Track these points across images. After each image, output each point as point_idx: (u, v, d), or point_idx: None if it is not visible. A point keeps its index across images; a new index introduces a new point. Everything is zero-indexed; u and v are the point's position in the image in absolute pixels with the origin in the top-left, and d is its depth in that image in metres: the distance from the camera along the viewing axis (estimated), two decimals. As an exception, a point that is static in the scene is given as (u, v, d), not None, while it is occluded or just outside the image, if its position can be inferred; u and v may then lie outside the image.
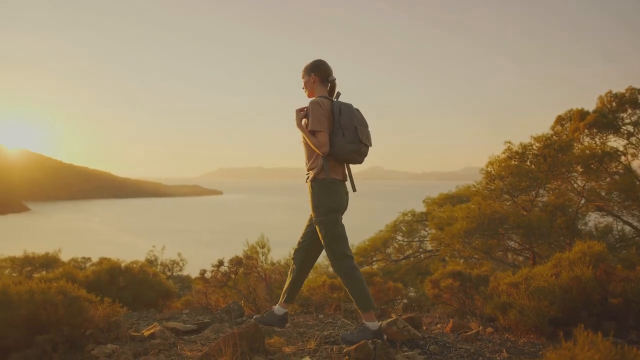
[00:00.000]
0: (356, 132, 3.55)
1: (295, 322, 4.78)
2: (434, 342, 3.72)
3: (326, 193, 3.60)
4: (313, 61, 3.86)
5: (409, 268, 18.86)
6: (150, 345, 3.52)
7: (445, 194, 20.22)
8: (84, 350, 3.42)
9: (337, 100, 3.77)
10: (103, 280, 6.19)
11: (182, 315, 5.41)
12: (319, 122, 3.55)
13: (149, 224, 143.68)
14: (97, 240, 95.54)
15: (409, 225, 20.76)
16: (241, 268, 6.11)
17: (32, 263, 16.82)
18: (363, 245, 20.52)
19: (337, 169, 3.69)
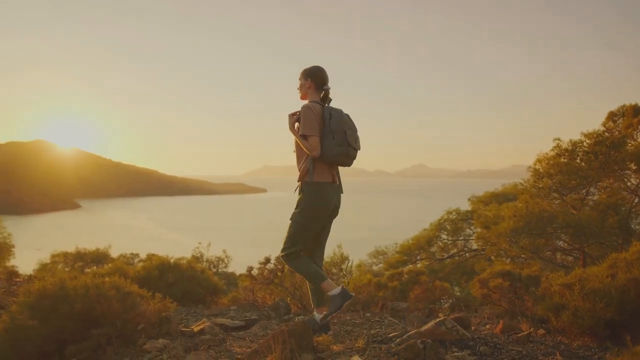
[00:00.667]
0: (345, 136, 3.69)
1: (342, 320, 4.77)
2: (484, 343, 3.65)
3: (313, 195, 3.76)
4: (312, 67, 4.01)
5: (453, 267, 18.61)
6: (200, 340, 3.57)
7: (491, 192, 19.84)
8: (136, 345, 3.50)
9: (328, 105, 3.91)
10: (153, 276, 6.32)
11: (229, 311, 5.47)
12: (311, 126, 3.69)
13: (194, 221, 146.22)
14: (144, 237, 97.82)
15: (453, 223, 20.49)
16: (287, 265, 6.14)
17: (84, 258, 17.35)
18: (407, 244, 20.35)
19: (326, 171, 3.82)
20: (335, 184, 3.89)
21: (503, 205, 13.68)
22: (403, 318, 5.03)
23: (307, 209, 3.77)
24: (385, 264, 19.86)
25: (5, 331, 3.45)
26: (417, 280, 6.83)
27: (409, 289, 6.71)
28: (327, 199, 3.80)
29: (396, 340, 3.56)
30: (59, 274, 3.89)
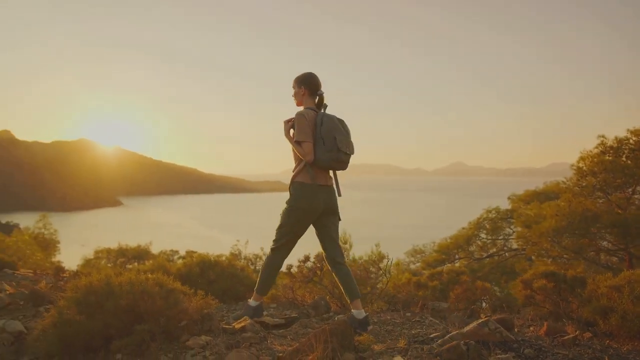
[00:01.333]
0: (335, 142, 3.88)
1: (382, 319, 4.74)
2: (529, 346, 3.57)
3: (299, 195, 4.04)
4: (304, 74, 4.21)
5: (492, 267, 18.35)
6: (241, 338, 3.60)
7: (532, 191, 19.46)
8: (179, 341, 3.54)
9: (323, 111, 4.10)
10: (194, 273, 6.40)
11: (269, 309, 5.49)
12: (304, 133, 3.93)
13: (232, 218, 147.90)
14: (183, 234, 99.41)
15: (493, 222, 20.20)
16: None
17: (126, 254, 17.75)
18: (445, 243, 20.16)
19: (320, 175, 4.06)
20: (327, 187, 4.13)
21: (545, 204, 13.42)
22: (444, 318, 4.97)
23: (290, 208, 4.08)
24: (422, 263, 19.73)
25: (54, 325, 3.54)
26: (458, 280, 6.74)
27: (449, 288, 6.63)
28: (314, 201, 4.02)
29: (438, 341, 3.52)
30: (104, 270, 3.96)
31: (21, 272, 8.35)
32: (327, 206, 4.14)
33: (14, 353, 3.81)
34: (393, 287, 6.47)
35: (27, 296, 5.25)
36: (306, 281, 6.07)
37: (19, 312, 4.88)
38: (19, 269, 8.86)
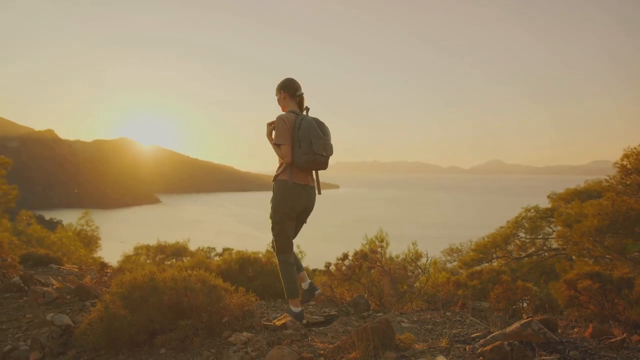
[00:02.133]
0: (310, 145, 4.09)
1: (422, 318, 4.71)
2: (574, 348, 3.48)
3: (280, 193, 4.29)
4: (283, 80, 4.47)
5: (531, 266, 18.01)
6: (282, 335, 3.62)
7: (573, 189, 18.99)
8: (221, 337, 3.58)
9: (305, 114, 4.36)
10: (233, 270, 6.47)
11: (308, 306, 5.51)
12: (282, 136, 4.16)
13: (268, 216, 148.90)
14: (220, 231, 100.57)
15: (532, 221, 19.82)
16: (365, 262, 6.13)
17: (164, 251, 18.06)
18: (482, 242, 19.88)
19: (300, 175, 4.30)
20: (307, 186, 4.37)
21: (586, 203, 13.11)
22: (485, 318, 4.91)
23: (275, 206, 4.35)
24: (459, 262, 19.52)
25: (101, 320, 3.63)
26: (498, 280, 6.64)
27: (489, 288, 6.54)
28: (294, 199, 4.29)
29: (480, 341, 3.47)
30: (147, 267, 4.04)
31: (66, 267, 8.58)
32: (306, 205, 4.43)
33: (62, 345, 3.92)
34: (432, 286, 6.42)
35: (74, 291, 5.39)
36: (345, 279, 6.07)
37: (66, 306, 5.02)
38: (64, 264, 9.11)
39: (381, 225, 8.09)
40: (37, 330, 4.14)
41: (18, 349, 4.00)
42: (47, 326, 4.11)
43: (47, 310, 4.85)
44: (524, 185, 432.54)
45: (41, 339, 3.97)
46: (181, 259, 17.06)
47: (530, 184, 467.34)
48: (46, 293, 5.18)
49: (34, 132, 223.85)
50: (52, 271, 8.02)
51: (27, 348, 3.99)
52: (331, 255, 6.70)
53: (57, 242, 17.16)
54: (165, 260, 17.49)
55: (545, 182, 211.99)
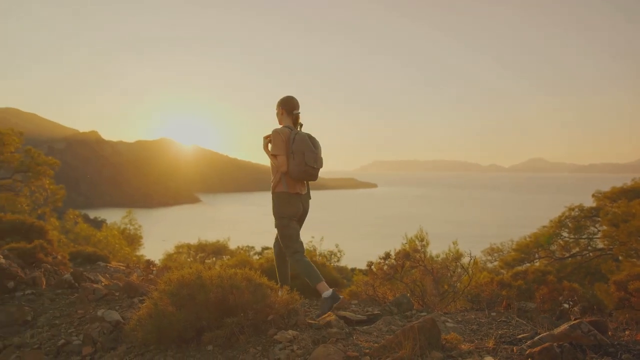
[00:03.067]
0: (303, 157, 4.50)
1: (466, 318, 4.67)
2: (627, 350, 3.39)
3: (281, 203, 4.71)
4: (284, 97, 4.89)
5: (575, 267, 17.60)
6: (327, 333, 3.64)
7: (620, 188, 18.44)
8: (266, 334, 3.62)
9: (298, 130, 4.78)
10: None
11: (351, 305, 5.52)
12: (279, 147, 4.60)
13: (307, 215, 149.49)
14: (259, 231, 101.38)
15: (576, 221, 19.35)
16: (408, 261, 6.10)
17: (205, 249, 18.30)
18: (524, 242, 19.51)
19: (294, 184, 4.72)
20: (301, 195, 4.82)
21: (634, 202, 12.73)
22: (531, 319, 4.82)
23: (278, 215, 4.76)
24: (500, 262, 19.20)
25: (150, 316, 3.72)
26: (544, 280, 6.51)
27: (534, 288, 6.42)
28: (292, 206, 4.73)
29: (527, 342, 3.41)
30: (195, 265, 4.12)
31: (113, 265, 8.81)
32: (303, 212, 4.92)
33: (113, 341, 4.03)
34: (476, 285, 6.33)
35: (122, 288, 5.54)
36: (387, 278, 6.05)
37: (115, 302, 5.15)
38: (110, 262, 9.35)
39: (418, 224, 8.04)
40: (88, 326, 4.27)
41: (71, 343, 4.14)
42: (98, 322, 4.23)
43: (97, 307, 4.99)
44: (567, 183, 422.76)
45: (93, 334, 4.10)
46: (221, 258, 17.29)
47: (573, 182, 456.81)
48: (96, 290, 5.34)
49: (79, 134, 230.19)
50: (99, 269, 8.24)
51: (80, 343, 4.12)
52: (369, 254, 6.69)
53: (102, 241, 17.62)
54: (206, 258, 17.74)
55: (590, 181, 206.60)
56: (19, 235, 8.05)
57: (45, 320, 4.81)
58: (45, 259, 6.88)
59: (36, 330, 4.62)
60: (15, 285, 5.57)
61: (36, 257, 6.80)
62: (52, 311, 5.04)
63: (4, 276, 5.49)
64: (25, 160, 16.99)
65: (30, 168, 17.02)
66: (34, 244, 7.00)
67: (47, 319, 4.85)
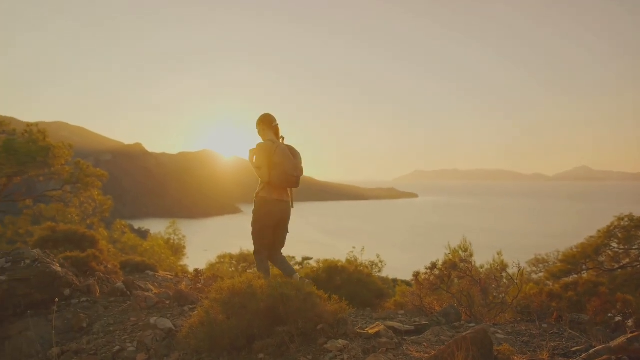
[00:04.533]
0: (283, 167, 5.00)
1: (517, 330, 4.59)
2: (688, 364, 3.29)
3: (259, 207, 5.15)
4: (260, 115, 5.36)
5: (626, 279, 17.03)
6: (377, 343, 3.64)
7: (673, 197, 17.82)
8: (316, 343, 3.65)
9: (280, 142, 5.22)
10: (321, 279, 6.55)
11: (397, 315, 5.50)
12: (261, 159, 5.07)
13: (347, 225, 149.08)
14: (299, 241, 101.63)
15: (625, 231, 18.73)
16: (455, 271, 6.03)
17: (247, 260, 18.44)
18: (571, 252, 18.99)
19: (275, 191, 5.13)
20: (282, 201, 5.18)
21: (689, 211, 12.31)
22: (584, 331, 4.71)
23: (255, 218, 5.17)
24: (546, 273, 18.74)
25: (202, 324, 3.79)
26: (595, 292, 6.33)
27: (586, 300, 6.26)
28: (269, 211, 5.12)
29: (582, 355, 3.35)
30: (247, 275, 4.19)
31: (161, 274, 8.99)
32: (282, 217, 5.23)
33: (165, 348, 4.12)
34: (525, 297, 6.21)
35: (172, 296, 5.66)
36: (433, 289, 6.01)
37: (167, 310, 5.27)
38: (158, 271, 9.54)
39: (460, 234, 7.94)
40: (142, 333, 4.38)
41: (126, 350, 4.25)
42: (151, 329, 4.34)
43: (149, 314, 5.11)
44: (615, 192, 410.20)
45: (146, 341, 4.20)
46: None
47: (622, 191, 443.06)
48: (147, 298, 5.47)
49: (124, 146, 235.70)
50: (148, 277, 8.42)
51: (134, 349, 4.23)
52: (410, 264, 6.64)
53: (149, 250, 17.97)
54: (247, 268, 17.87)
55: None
56: (72, 245, 8.31)
57: (100, 327, 4.96)
58: (98, 267, 7.08)
59: (92, 336, 4.76)
60: (71, 293, 5.75)
61: (89, 266, 7.01)
62: (106, 318, 5.19)
63: (61, 284, 5.68)
64: (75, 172, 17.46)
65: (80, 180, 17.50)
66: (87, 253, 7.22)
67: (101, 325, 5.00)
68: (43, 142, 15.59)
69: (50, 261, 5.90)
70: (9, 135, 15.45)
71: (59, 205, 17.69)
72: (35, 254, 5.83)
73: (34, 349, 4.75)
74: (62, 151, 16.40)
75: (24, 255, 5.77)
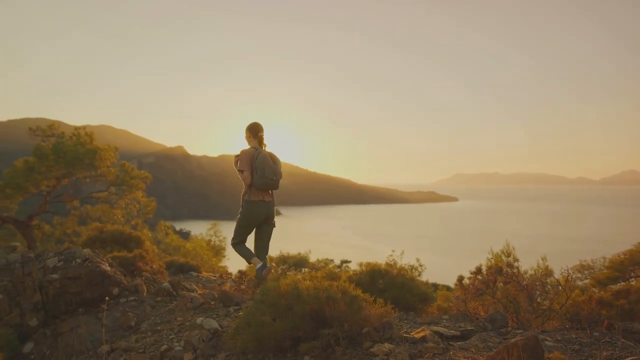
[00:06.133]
0: (264, 172, 5.61)
1: (566, 338, 4.48)
2: None
3: (247, 210, 5.76)
4: (250, 123, 5.94)
5: (678, 286, 16.44)
6: (424, 348, 3.60)
7: None
8: (362, 347, 3.63)
9: (262, 149, 5.82)
10: (364, 282, 6.52)
11: (442, 320, 5.43)
12: (244, 164, 5.66)
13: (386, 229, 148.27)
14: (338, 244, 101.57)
15: (677, 236, 18.11)
16: (500, 277, 5.93)
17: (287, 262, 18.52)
18: (618, 259, 18.45)
19: (258, 193, 5.77)
20: (264, 202, 5.82)
21: None
22: (638, 341, 4.55)
23: (241, 217, 5.78)
24: (592, 280, 18.25)
25: (248, 325, 3.83)
26: (647, 300, 6.12)
27: (638, 308, 6.06)
28: (254, 212, 5.78)
29: (637, 365, 3.24)
30: (293, 277, 4.21)
31: (204, 275, 9.11)
32: (265, 216, 5.90)
33: (212, 348, 4.18)
34: (573, 304, 6.05)
35: (218, 297, 5.73)
36: (478, 294, 5.91)
37: (212, 311, 5.34)
38: (201, 271, 9.68)
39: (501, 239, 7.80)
40: (188, 333, 4.45)
41: (173, 349, 4.32)
42: (198, 329, 4.40)
43: (195, 315, 5.19)
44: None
45: (193, 341, 4.27)
46: (300, 270, 17.42)
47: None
48: (193, 298, 5.55)
49: (166, 149, 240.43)
50: (192, 278, 8.56)
51: (181, 349, 4.30)
52: (449, 269, 6.54)
53: (191, 251, 18.25)
54: (287, 271, 17.92)
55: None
56: (118, 245, 8.51)
57: (147, 326, 5.06)
58: (145, 267, 7.24)
59: (140, 335, 4.87)
60: (119, 292, 5.89)
61: (136, 266, 7.16)
62: (153, 317, 5.30)
63: (110, 283, 5.83)
64: (120, 174, 17.88)
65: (125, 182, 17.90)
66: (134, 253, 7.38)
67: (149, 324, 5.10)
68: (90, 144, 16.03)
69: (99, 260, 6.06)
70: (58, 138, 15.93)
71: (105, 206, 18.15)
72: (85, 254, 6.00)
73: (85, 345, 4.89)
74: (108, 154, 16.81)
75: (75, 254, 5.95)
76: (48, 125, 16.18)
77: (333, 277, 6.26)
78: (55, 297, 5.50)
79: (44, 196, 15.49)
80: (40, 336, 5.27)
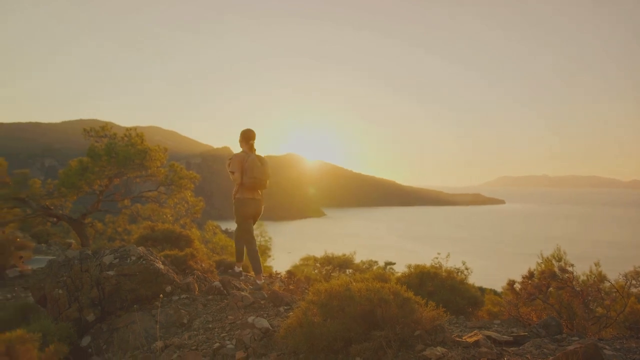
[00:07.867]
0: (252, 172, 6.44)
1: (626, 346, 4.34)
2: None
3: (238, 206, 6.59)
4: (244, 130, 6.72)
5: None
6: (477, 352, 3.55)
7: None
8: (414, 350, 3.61)
9: (251, 153, 6.58)
10: (413, 284, 6.48)
11: (493, 325, 5.35)
12: (235, 166, 6.48)
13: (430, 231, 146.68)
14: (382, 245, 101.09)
15: None
16: (554, 281, 5.78)
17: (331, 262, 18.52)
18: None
19: (248, 192, 6.59)
20: (254, 200, 6.63)
21: None
22: None
23: (236, 214, 6.58)
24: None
25: (300, 325, 3.85)
26: None
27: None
28: (245, 207, 6.58)
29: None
30: (344, 278, 4.22)
31: (251, 274, 9.21)
32: (255, 211, 6.73)
33: (263, 347, 4.22)
34: (629, 311, 5.85)
35: (268, 297, 5.79)
36: (531, 299, 5.78)
37: (262, 310, 5.40)
38: (249, 271, 9.79)
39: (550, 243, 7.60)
40: (240, 331, 4.51)
41: (225, 347, 4.39)
42: (249, 328, 4.46)
43: (246, 314, 5.26)
44: None
45: (245, 339, 4.32)
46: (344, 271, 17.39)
47: None
48: (244, 297, 5.63)
49: (213, 150, 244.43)
50: (241, 277, 8.66)
51: (233, 347, 4.36)
52: (494, 272, 6.41)
53: (238, 251, 18.50)
54: (332, 272, 17.92)
55: None
56: (169, 243, 8.69)
57: (199, 324, 5.16)
58: (196, 266, 7.38)
59: (192, 332, 4.96)
60: (172, 290, 6.03)
61: (187, 264, 7.31)
62: (205, 315, 5.39)
63: (163, 281, 5.96)
64: (170, 174, 18.25)
65: (174, 181, 18.27)
66: (185, 251, 7.54)
67: (201, 322, 5.20)
68: (141, 145, 16.44)
69: (153, 258, 6.21)
70: (111, 139, 16.40)
71: (154, 205, 18.56)
72: (140, 251, 6.16)
73: (139, 341, 5.01)
74: (158, 154, 17.19)
75: (130, 252, 6.11)
76: (101, 126, 16.66)
77: (383, 279, 6.26)
78: (111, 293, 5.66)
79: (97, 195, 15.97)
80: (97, 331, 5.44)
